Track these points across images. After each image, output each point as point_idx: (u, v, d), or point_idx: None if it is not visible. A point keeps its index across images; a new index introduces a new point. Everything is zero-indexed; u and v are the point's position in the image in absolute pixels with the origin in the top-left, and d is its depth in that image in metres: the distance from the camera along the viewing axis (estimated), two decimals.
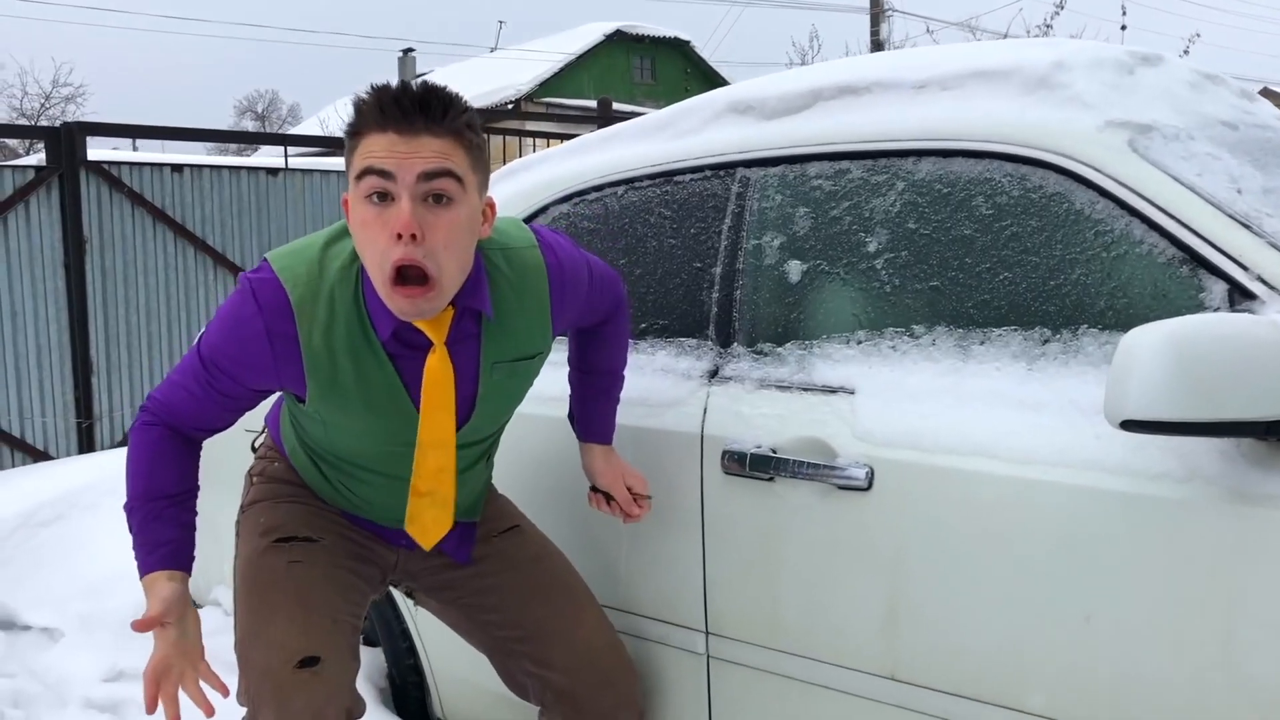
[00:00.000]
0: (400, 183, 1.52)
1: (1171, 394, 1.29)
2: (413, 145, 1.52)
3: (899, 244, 1.82)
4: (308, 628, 1.75)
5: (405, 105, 1.52)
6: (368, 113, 1.53)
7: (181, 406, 1.74)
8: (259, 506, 1.91)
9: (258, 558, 1.83)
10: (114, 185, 6.22)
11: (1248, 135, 1.83)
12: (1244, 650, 1.36)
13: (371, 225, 1.53)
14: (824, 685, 1.76)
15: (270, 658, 1.72)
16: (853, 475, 1.71)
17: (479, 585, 1.95)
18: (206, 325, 1.75)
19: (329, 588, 1.81)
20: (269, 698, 1.70)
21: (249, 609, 1.81)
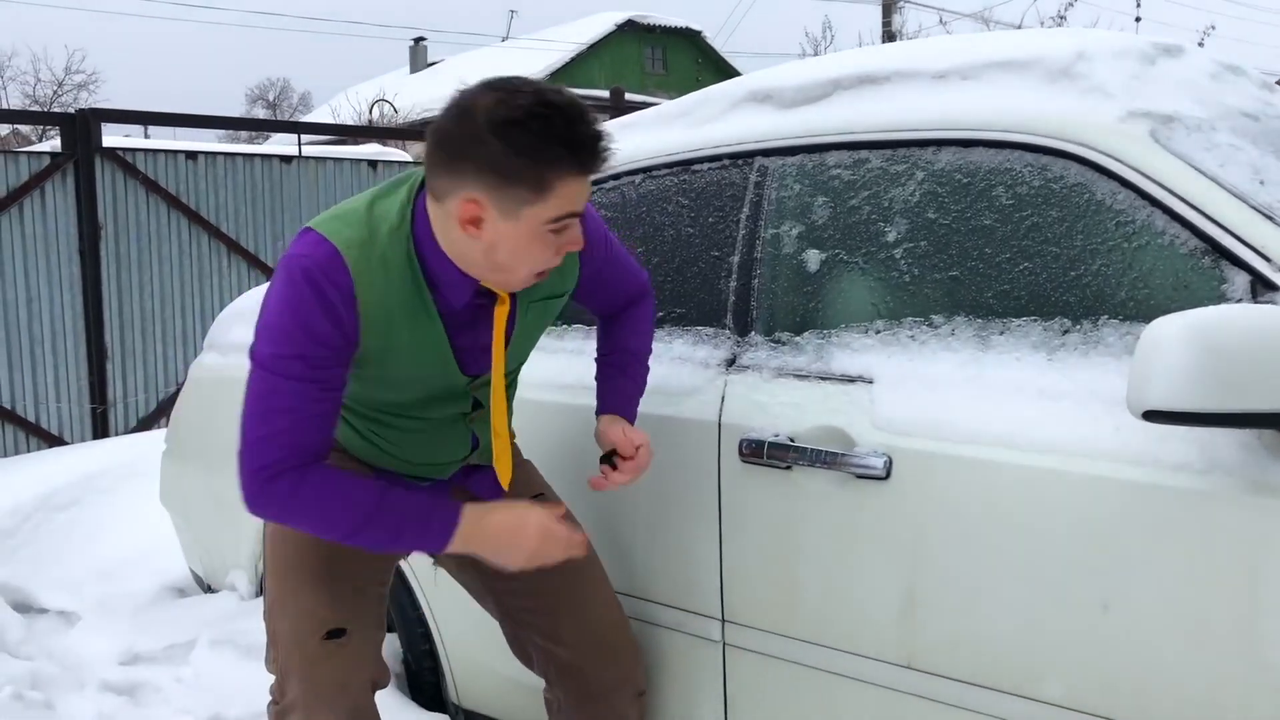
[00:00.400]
0: (579, 216, 1.62)
1: (1194, 385, 1.29)
2: (589, 183, 1.61)
3: (918, 234, 1.82)
4: (334, 599, 1.78)
5: (598, 153, 1.56)
6: (568, 158, 1.53)
7: (299, 436, 1.58)
8: None
9: (289, 530, 1.82)
10: (129, 172, 6.24)
11: (1269, 126, 1.83)
12: (1263, 640, 1.37)
13: (546, 245, 1.60)
14: (840, 673, 1.77)
15: (298, 628, 1.76)
16: (871, 464, 1.72)
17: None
18: (258, 341, 1.61)
19: (355, 555, 1.79)
20: (296, 668, 1.75)
21: (278, 579, 1.83)
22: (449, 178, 1.56)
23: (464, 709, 2.48)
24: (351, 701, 1.77)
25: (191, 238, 6.52)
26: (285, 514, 1.60)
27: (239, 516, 3.07)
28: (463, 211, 1.56)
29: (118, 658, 2.99)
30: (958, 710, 1.64)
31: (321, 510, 1.59)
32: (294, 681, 1.75)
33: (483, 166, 1.52)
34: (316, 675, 1.74)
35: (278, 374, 1.58)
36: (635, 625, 2.06)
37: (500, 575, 1.93)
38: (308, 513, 1.59)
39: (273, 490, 1.57)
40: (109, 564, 3.73)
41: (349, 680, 1.76)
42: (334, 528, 1.61)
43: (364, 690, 1.80)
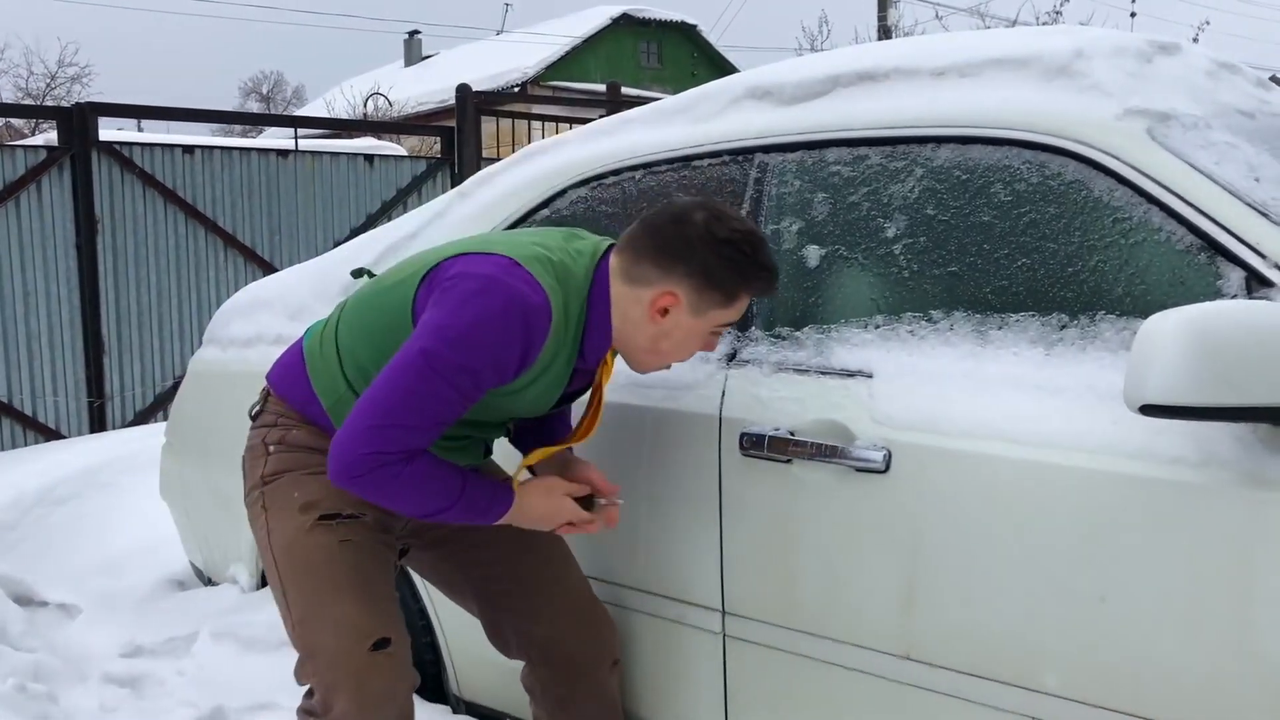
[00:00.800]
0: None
1: (1191, 379, 1.31)
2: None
3: (917, 230, 1.84)
4: (374, 609, 1.80)
5: (775, 282, 1.80)
6: (758, 283, 1.76)
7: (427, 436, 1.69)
8: (288, 479, 1.87)
9: (305, 536, 1.82)
10: (125, 166, 6.24)
11: (1265, 124, 1.85)
12: (1258, 632, 1.39)
13: (696, 344, 1.81)
14: (839, 664, 1.79)
15: (342, 641, 1.77)
16: (870, 458, 1.74)
17: (475, 538, 2.00)
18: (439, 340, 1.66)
19: (378, 563, 1.86)
20: (345, 680, 1.76)
21: (307, 590, 1.82)
22: (656, 269, 1.75)
23: (465, 700, 2.50)
24: (399, 710, 1.81)
25: (188, 232, 6.52)
26: (378, 493, 1.70)
27: (238, 510, 3.09)
28: (658, 300, 1.75)
29: (119, 650, 3.00)
30: (956, 700, 1.66)
31: (415, 492, 1.70)
32: (343, 695, 1.76)
33: (694, 270, 1.73)
34: (367, 687, 1.76)
35: (444, 379, 1.66)
36: (637, 616, 2.09)
37: (478, 563, 2.01)
38: (401, 493, 1.70)
39: (379, 473, 1.67)
40: (109, 557, 3.75)
41: (396, 689, 1.80)
42: (419, 507, 1.73)
43: (407, 695, 1.84)
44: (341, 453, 1.67)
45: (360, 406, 1.69)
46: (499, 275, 1.68)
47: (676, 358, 1.83)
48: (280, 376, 1.96)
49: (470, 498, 1.75)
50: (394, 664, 1.80)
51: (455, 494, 1.73)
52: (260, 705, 2.52)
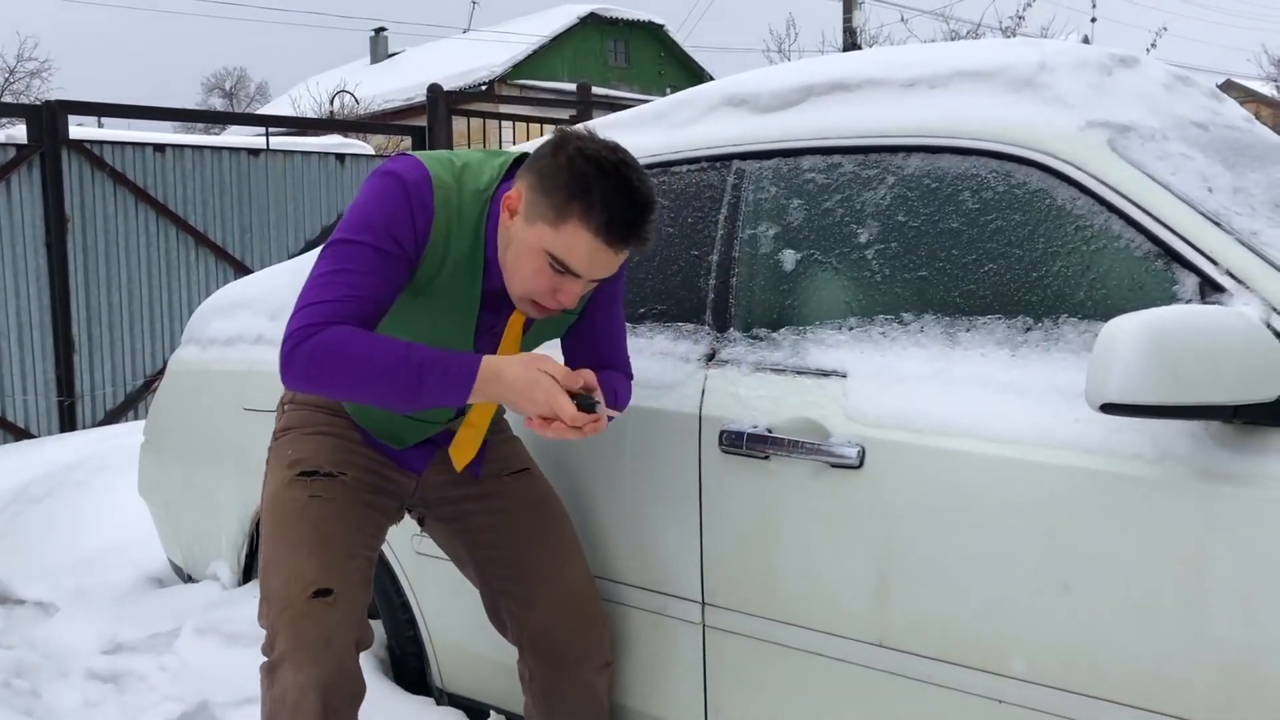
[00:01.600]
0: (581, 280, 1.76)
1: (1149, 379, 1.39)
2: (607, 258, 1.75)
3: (889, 235, 1.92)
4: (323, 561, 1.89)
5: (628, 235, 1.72)
6: (592, 208, 1.68)
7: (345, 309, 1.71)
8: (289, 436, 2.01)
9: (283, 490, 1.95)
10: (96, 164, 6.23)
11: (1217, 135, 1.94)
12: (1210, 617, 1.47)
13: (542, 277, 1.76)
14: (816, 652, 1.86)
15: (289, 588, 1.87)
16: (845, 454, 1.81)
17: (484, 522, 2.08)
18: (336, 234, 1.77)
19: (346, 522, 1.94)
20: (285, 624, 1.85)
21: (271, 540, 1.93)
22: (523, 170, 1.78)
23: (448, 693, 2.55)
24: (336, 657, 1.86)
25: (159, 230, 6.52)
26: (316, 369, 1.69)
27: (220, 508, 3.13)
28: (507, 199, 1.78)
29: (100, 647, 3.02)
30: (927, 685, 1.73)
31: (350, 361, 1.69)
32: (282, 636, 1.85)
33: (541, 171, 1.73)
34: (302, 630, 1.84)
35: (345, 257, 1.73)
36: (619, 609, 2.15)
37: (482, 543, 2.08)
38: (337, 365, 1.68)
39: (305, 348, 1.69)
40: (86, 555, 3.76)
41: (333, 636, 1.85)
42: (362, 381, 1.69)
43: (348, 649, 1.88)
44: (280, 357, 1.73)
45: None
46: (385, 168, 1.80)
47: (522, 282, 1.77)
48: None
49: (414, 370, 1.69)
50: (331, 613, 1.85)
51: (394, 362, 1.69)
52: (247, 699, 2.55)
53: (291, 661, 1.83)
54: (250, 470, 2.92)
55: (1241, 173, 1.79)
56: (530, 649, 2.10)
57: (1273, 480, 1.43)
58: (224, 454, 3.07)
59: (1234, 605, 1.45)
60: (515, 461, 2.14)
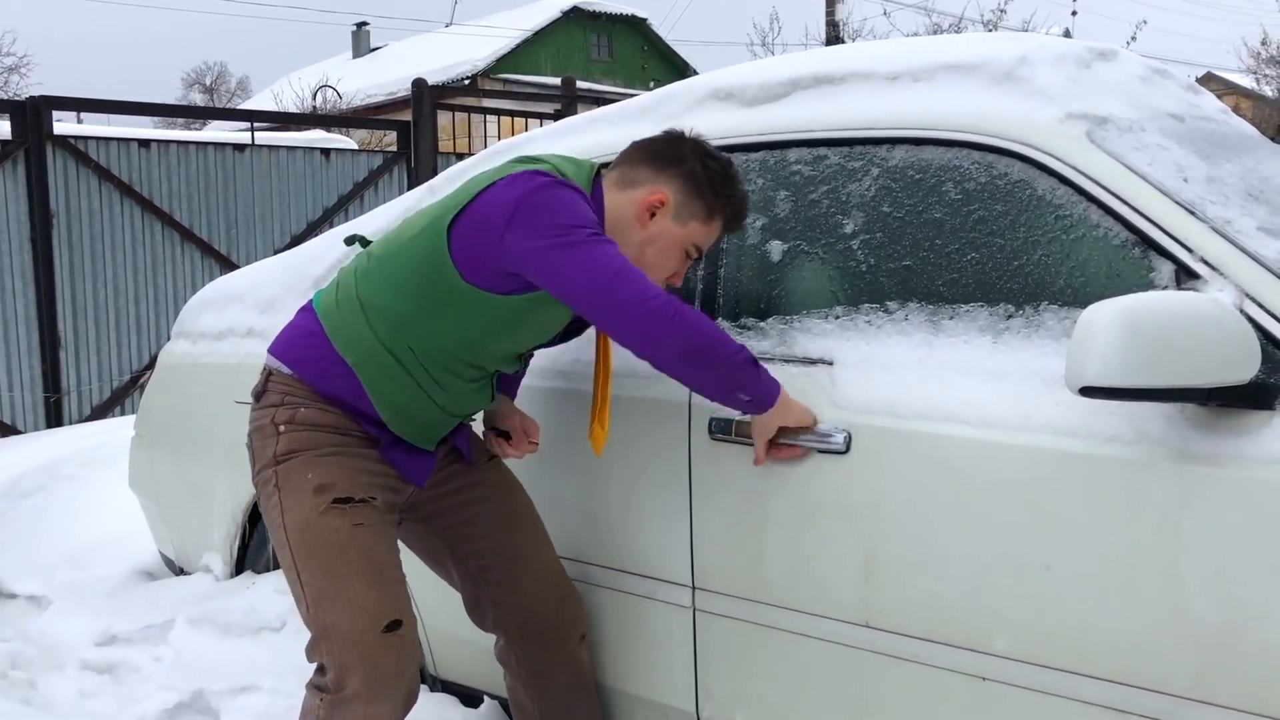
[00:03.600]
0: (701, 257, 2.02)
1: (1126, 363, 1.43)
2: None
3: (874, 226, 1.96)
4: (385, 592, 1.89)
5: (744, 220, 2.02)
6: (732, 208, 1.97)
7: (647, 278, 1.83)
8: (301, 459, 1.91)
9: (319, 519, 1.88)
10: (81, 160, 6.22)
11: (1193, 127, 1.99)
12: (1187, 594, 1.52)
13: (678, 265, 1.99)
14: (804, 634, 1.91)
15: (356, 622, 1.85)
16: (832, 440, 1.85)
17: (464, 514, 2.13)
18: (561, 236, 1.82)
19: (388, 547, 1.95)
20: (357, 659, 1.84)
21: (322, 572, 1.88)
22: (650, 170, 1.96)
23: (441, 679, 2.59)
24: (406, 688, 1.90)
25: (144, 226, 6.51)
26: (694, 332, 1.79)
27: (212, 501, 3.15)
28: (649, 199, 1.94)
29: (94, 639, 3.04)
30: (913, 664, 1.78)
31: (721, 344, 1.81)
32: (355, 673, 1.84)
33: (687, 176, 1.94)
34: (380, 668, 1.85)
35: (599, 242, 1.82)
36: (611, 594, 2.19)
37: (467, 538, 2.13)
38: (707, 332, 1.80)
39: (679, 314, 1.78)
40: (77, 549, 3.78)
41: (405, 668, 1.89)
42: (725, 346, 1.81)
43: (415, 676, 1.93)
44: (638, 335, 1.80)
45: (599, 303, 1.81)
46: (535, 178, 1.86)
47: (658, 271, 1.95)
48: (287, 347, 1.99)
49: (757, 364, 1.85)
50: (404, 645, 1.88)
51: (743, 354, 1.82)
52: (242, 688, 2.58)
53: (365, 698, 1.84)
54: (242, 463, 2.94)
55: (1216, 163, 1.83)
56: (516, 633, 2.15)
57: (1246, 460, 1.48)
58: (215, 447, 3.09)
59: (1210, 582, 1.50)
60: (484, 450, 2.20)
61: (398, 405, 1.94)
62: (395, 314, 1.91)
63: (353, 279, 1.97)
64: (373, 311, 1.91)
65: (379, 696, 1.85)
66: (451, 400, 1.99)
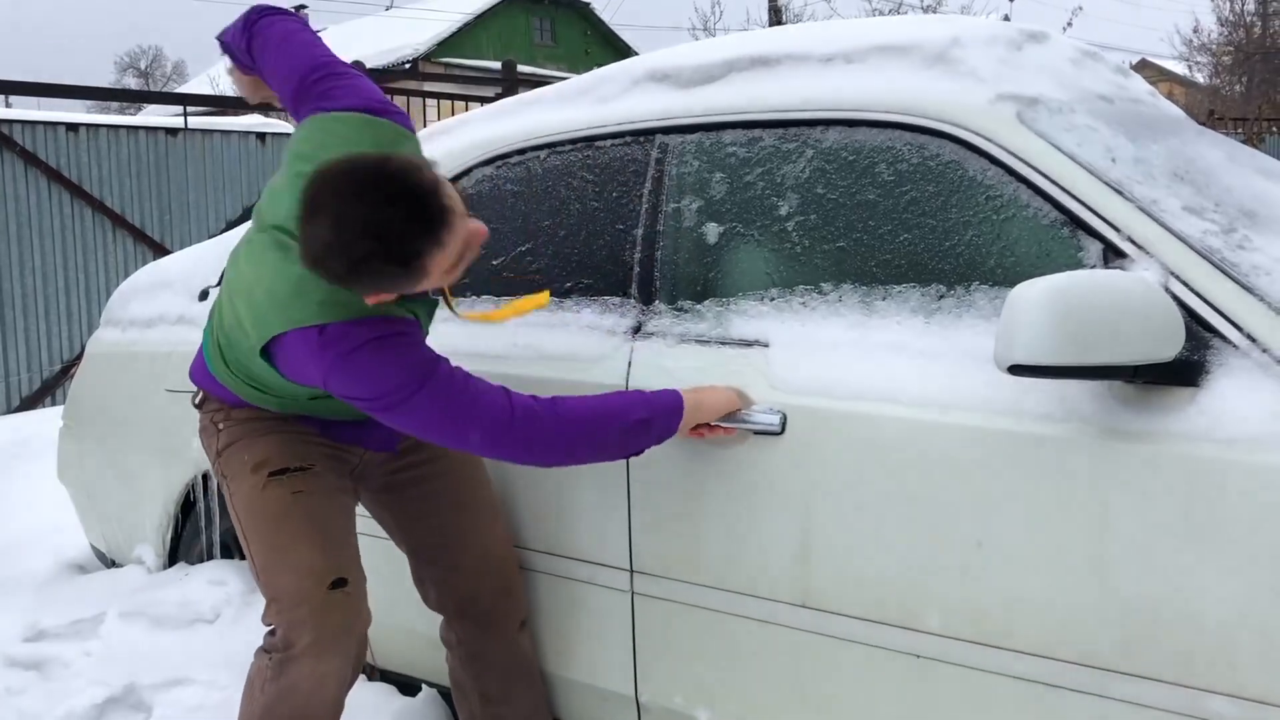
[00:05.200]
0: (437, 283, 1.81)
1: (1053, 341, 1.44)
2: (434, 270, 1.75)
3: (808, 208, 1.96)
4: (329, 551, 1.92)
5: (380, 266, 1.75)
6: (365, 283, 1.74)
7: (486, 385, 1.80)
8: (238, 445, 1.99)
9: (260, 494, 1.94)
10: (6, 145, 6.05)
11: (1122, 109, 2.01)
12: (1113, 569, 1.54)
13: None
14: (742, 615, 1.91)
15: (302, 582, 1.89)
16: (767, 421, 1.85)
17: (414, 492, 2.14)
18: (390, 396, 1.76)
19: (332, 509, 1.97)
20: (306, 618, 1.87)
21: (265, 541, 1.94)
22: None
23: (379, 669, 2.56)
24: (355, 644, 1.93)
25: (74, 212, 6.36)
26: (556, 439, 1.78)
27: (143, 491, 3.09)
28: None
29: (21, 635, 2.96)
30: (848, 643, 1.79)
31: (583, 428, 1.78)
32: (305, 630, 1.87)
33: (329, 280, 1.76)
34: (327, 623, 1.88)
35: (426, 377, 1.75)
36: (549, 579, 2.18)
37: (411, 513, 2.13)
38: (574, 435, 1.78)
39: (533, 423, 1.76)
40: (4, 544, 3.69)
41: (353, 624, 1.92)
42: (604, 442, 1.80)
43: (363, 635, 1.96)
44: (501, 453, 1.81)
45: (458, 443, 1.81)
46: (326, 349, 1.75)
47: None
48: (204, 382, 2.07)
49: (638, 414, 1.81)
50: (350, 601, 1.92)
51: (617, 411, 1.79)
52: (174, 681, 2.53)
53: (313, 654, 1.87)
54: (173, 452, 2.89)
55: (1144, 144, 1.86)
56: (455, 613, 2.16)
57: (1171, 437, 1.50)
58: (146, 436, 3.03)
59: (1136, 557, 1.52)
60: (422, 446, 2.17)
61: (293, 411, 1.99)
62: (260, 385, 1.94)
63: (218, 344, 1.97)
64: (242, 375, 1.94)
65: (327, 652, 1.88)
66: (329, 410, 1.97)
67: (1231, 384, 1.49)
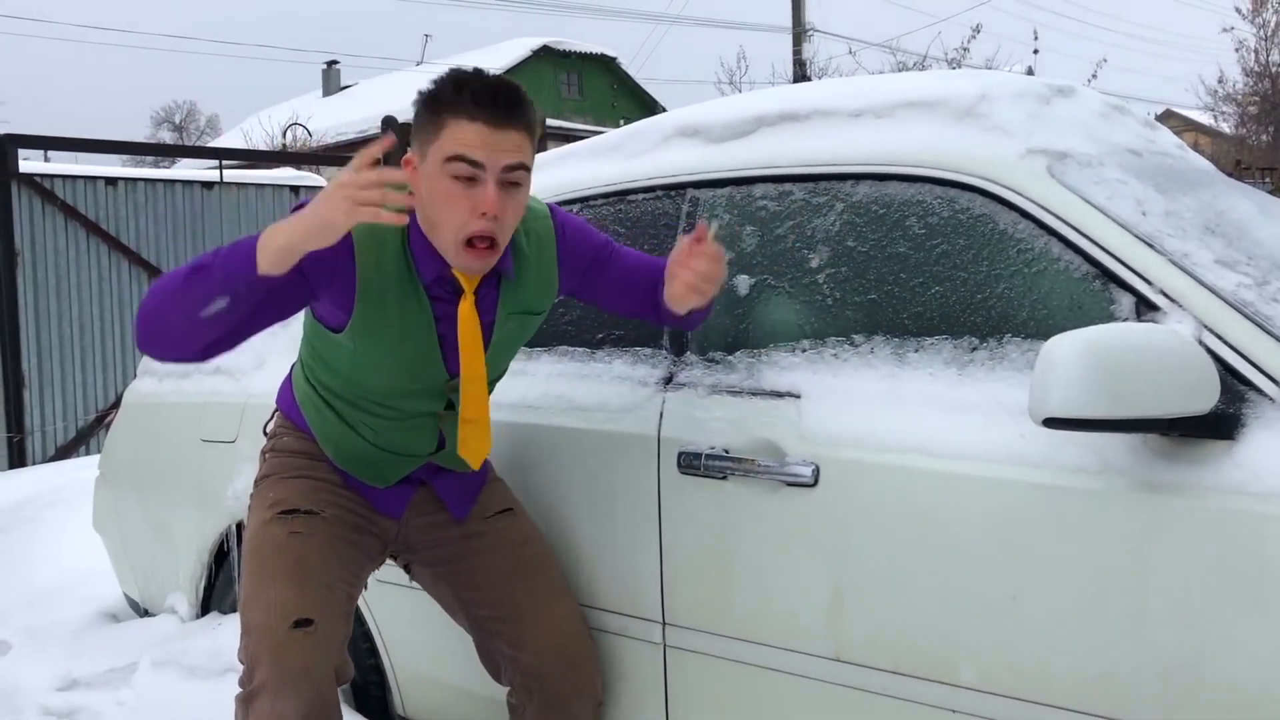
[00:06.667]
0: (489, 171, 1.76)
1: (1088, 394, 1.45)
2: (498, 138, 1.76)
3: (839, 260, 1.97)
4: (303, 592, 1.90)
5: (496, 100, 1.75)
6: (456, 98, 1.75)
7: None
8: (269, 481, 2.05)
9: (262, 528, 1.98)
10: (46, 198, 6.18)
11: (1150, 162, 2.02)
12: (1151, 623, 1.53)
13: (457, 199, 1.76)
14: (774, 668, 1.90)
15: (269, 617, 1.88)
16: (800, 473, 1.85)
17: (469, 564, 2.10)
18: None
19: (326, 556, 1.96)
20: (265, 652, 1.86)
21: (250, 574, 1.96)
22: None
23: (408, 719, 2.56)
24: (314, 688, 1.86)
25: (111, 264, 6.47)
26: (150, 316, 1.73)
27: (177, 540, 3.11)
28: (405, 160, 1.80)
29: (55, 684, 2.99)
30: (883, 698, 1.77)
31: (160, 291, 1.72)
32: (262, 665, 1.85)
33: (414, 120, 1.81)
34: (283, 659, 1.84)
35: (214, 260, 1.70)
36: None
37: (469, 584, 2.09)
38: (163, 306, 1.72)
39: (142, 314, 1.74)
40: (38, 592, 3.72)
41: (313, 667, 1.86)
42: (173, 301, 1.71)
43: (327, 679, 1.88)
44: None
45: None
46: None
47: (448, 221, 1.77)
48: (283, 392, 2.16)
49: (208, 266, 1.70)
50: (313, 643, 1.86)
51: (189, 271, 1.71)
52: None
53: (270, 691, 1.83)
54: (208, 502, 2.92)
55: (1174, 197, 1.86)
56: (522, 689, 2.10)
57: (1207, 490, 1.49)
58: (181, 486, 3.06)
59: (1174, 611, 1.51)
60: (498, 502, 2.16)
61: (334, 440, 2.03)
62: (305, 353, 2.04)
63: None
64: (303, 350, 2.05)
65: (284, 693, 1.82)
66: (383, 439, 2.01)
67: (1268, 437, 1.48)
